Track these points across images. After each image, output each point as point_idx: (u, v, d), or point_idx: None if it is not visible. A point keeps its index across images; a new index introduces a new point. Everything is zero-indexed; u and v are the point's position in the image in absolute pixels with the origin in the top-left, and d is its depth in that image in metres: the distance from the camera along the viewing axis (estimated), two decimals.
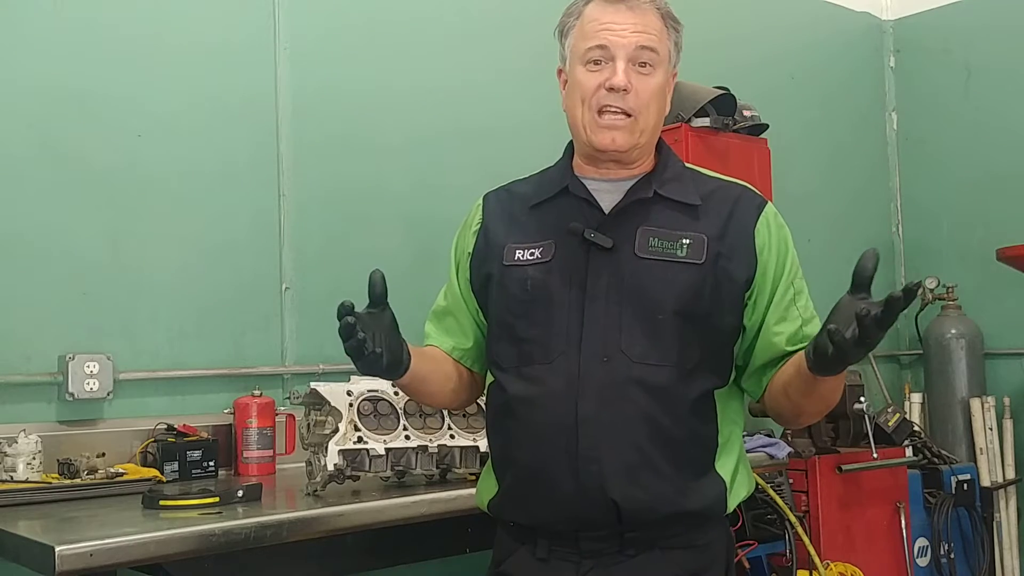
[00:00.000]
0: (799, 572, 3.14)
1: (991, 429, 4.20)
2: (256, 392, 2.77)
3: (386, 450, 2.30)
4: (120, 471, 2.42)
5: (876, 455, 3.49)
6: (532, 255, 1.72)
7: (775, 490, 3.11)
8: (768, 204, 1.75)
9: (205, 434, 2.69)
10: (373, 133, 3.20)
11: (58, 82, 2.68)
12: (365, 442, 2.28)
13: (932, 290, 4.37)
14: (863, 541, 3.49)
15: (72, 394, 2.58)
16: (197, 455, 2.63)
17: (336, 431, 2.27)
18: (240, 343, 2.92)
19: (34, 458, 2.37)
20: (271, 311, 2.99)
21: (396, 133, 3.24)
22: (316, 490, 2.26)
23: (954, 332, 4.30)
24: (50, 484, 2.31)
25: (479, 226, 1.82)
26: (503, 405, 1.72)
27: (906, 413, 4.11)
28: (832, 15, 4.66)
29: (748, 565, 3.09)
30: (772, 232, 1.72)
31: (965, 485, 3.94)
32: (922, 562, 3.77)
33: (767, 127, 3.52)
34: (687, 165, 1.81)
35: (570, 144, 1.81)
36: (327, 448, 2.24)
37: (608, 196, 1.72)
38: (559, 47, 1.78)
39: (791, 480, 3.27)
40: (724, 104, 3.37)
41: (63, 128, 2.68)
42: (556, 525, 1.66)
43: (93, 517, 2.07)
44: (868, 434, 3.50)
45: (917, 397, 4.45)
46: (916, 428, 4.01)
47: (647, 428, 1.62)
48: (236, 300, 2.92)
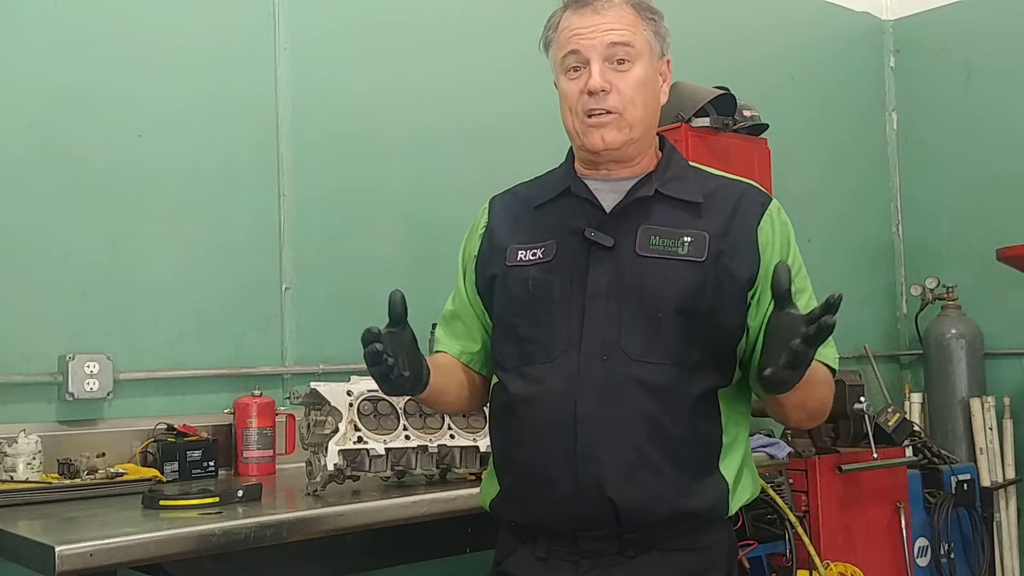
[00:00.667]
0: (799, 572, 3.14)
1: (991, 429, 4.20)
2: (256, 392, 2.77)
3: (386, 450, 2.30)
4: (120, 471, 2.42)
5: (876, 455, 3.49)
6: (534, 255, 1.72)
7: (775, 490, 3.10)
8: (773, 202, 1.75)
9: (205, 434, 2.69)
10: (373, 133, 3.20)
11: (58, 82, 2.68)
12: (365, 442, 2.28)
13: (932, 290, 4.37)
14: (863, 541, 3.49)
15: (72, 394, 2.58)
16: (197, 455, 2.63)
17: (336, 431, 2.27)
18: (240, 343, 2.92)
19: (34, 458, 2.37)
20: (271, 311, 2.99)
21: (396, 133, 3.24)
22: (316, 490, 2.26)
23: (954, 332, 4.30)
24: (50, 484, 2.31)
25: (484, 229, 1.83)
26: (505, 404, 1.72)
27: (906, 413, 4.11)
28: (832, 15, 4.66)
29: (748, 565, 3.09)
30: (776, 230, 1.71)
31: (965, 485, 3.94)
32: (922, 562, 3.77)
33: (767, 127, 3.53)
34: (691, 163, 1.81)
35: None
36: (327, 448, 2.24)
37: (610, 196, 1.73)
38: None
39: (791, 480, 3.27)
40: (724, 104, 3.37)
41: (63, 128, 2.68)
42: (555, 525, 1.66)
43: (93, 517, 2.07)
44: (868, 434, 3.50)
45: (917, 397, 4.45)
46: (916, 428, 4.01)
47: (646, 427, 1.61)
48: (236, 300, 2.92)
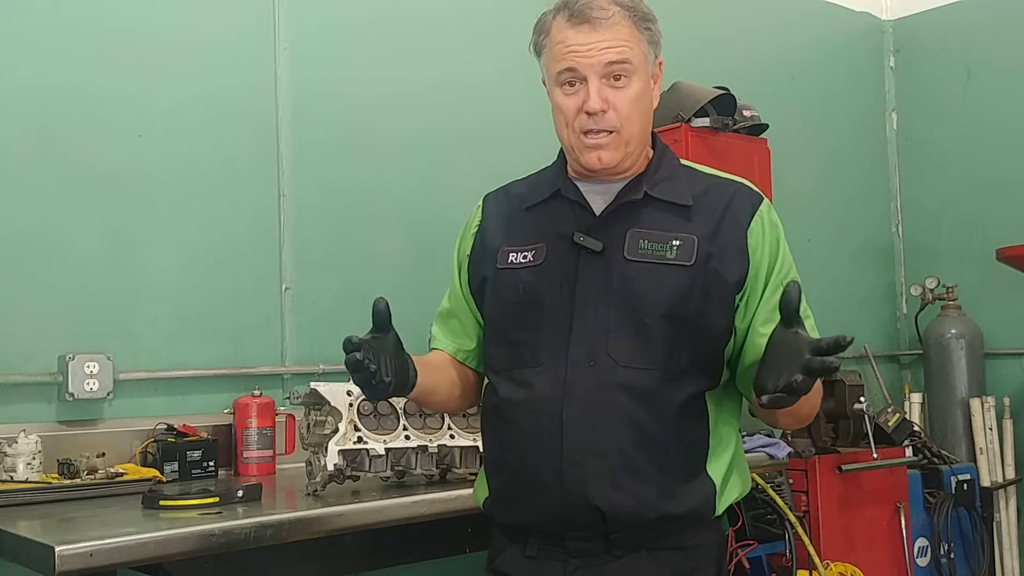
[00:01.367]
0: (799, 572, 3.15)
1: (991, 429, 4.20)
2: (256, 392, 2.77)
3: (386, 450, 2.30)
4: (120, 471, 2.42)
5: (876, 455, 3.50)
6: (524, 258, 1.71)
7: (775, 490, 3.11)
8: (764, 202, 1.72)
9: (205, 434, 2.69)
10: (373, 133, 3.20)
11: (58, 82, 2.68)
12: (365, 442, 2.28)
13: (932, 290, 4.37)
14: (863, 541, 3.49)
15: (72, 394, 2.58)
16: (197, 455, 2.63)
17: (336, 431, 2.27)
18: (240, 343, 2.92)
19: (34, 458, 2.37)
20: (271, 311, 2.99)
21: (396, 133, 3.24)
22: (316, 490, 2.26)
23: (954, 332, 4.30)
24: (50, 484, 2.32)
25: (477, 228, 1.83)
26: (494, 408, 1.73)
27: (906, 413, 4.11)
28: (832, 15, 4.66)
29: (748, 565, 3.09)
30: (766, 232, 1.70)
31: (965, 485, 3.94)
32: (922, 562, 3.77)
33: (767, 127, 3.53)
34: (683, 162, 1.79)
35: None
36: (327, 448, 2.24)
37: (600, 198, 1.72)
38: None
39: (791, 480, 3.27)
40: (724, 104, 3.37)
41: (63, 128, 2.68)
42: (544, 526, 1.67)
43: (93, 517, 2.07)
44: (868, 434, 3.51)
45: (917, 397, 4.44)
46: (916, 428, 4.01)
47: (632, 432, 1.61)
48: (236, 300, 2.92)
